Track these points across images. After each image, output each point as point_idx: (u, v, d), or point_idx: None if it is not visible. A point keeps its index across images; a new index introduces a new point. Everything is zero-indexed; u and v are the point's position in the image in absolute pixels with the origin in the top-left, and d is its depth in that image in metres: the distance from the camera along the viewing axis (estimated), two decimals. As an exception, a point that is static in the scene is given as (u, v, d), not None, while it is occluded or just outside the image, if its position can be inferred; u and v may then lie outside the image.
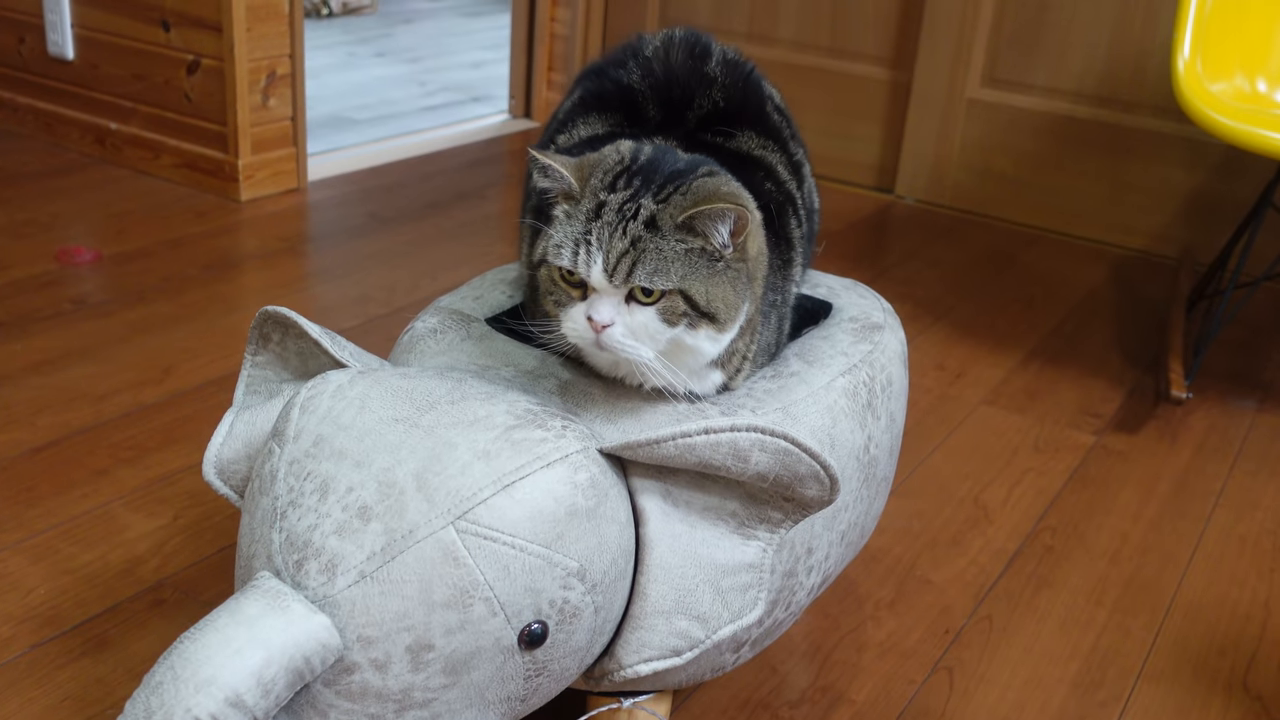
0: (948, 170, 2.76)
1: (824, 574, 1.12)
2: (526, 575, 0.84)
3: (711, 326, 0.93)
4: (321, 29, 4.21)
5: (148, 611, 1.25)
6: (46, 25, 2.60)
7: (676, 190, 0.92)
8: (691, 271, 0.90)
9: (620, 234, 0.90)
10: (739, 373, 1.04)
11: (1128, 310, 2.26)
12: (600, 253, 0.90)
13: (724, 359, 1.00)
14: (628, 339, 0.91)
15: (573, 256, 0.91)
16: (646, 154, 0.96)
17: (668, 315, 0.91)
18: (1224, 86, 1.89)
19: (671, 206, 0.91)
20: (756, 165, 1.10)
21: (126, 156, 2.58)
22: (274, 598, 0.80)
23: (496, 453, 0.85)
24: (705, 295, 0.91)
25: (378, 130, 3.04)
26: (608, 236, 0.90)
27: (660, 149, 0.98)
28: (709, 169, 0.96)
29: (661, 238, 0.90)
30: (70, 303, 1.94)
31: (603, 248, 0.90)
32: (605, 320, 0.91)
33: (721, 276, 0.92)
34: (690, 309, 0.91)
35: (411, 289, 2.10)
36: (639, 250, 0.89)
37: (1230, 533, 1.55)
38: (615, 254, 0.89)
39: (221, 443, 1.01)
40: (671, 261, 0.90)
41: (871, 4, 2.78)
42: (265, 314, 1.02)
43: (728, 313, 0.93)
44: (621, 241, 0.89)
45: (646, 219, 0.90)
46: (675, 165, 0.95)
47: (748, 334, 1.01)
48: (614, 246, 0.89)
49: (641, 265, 0.89)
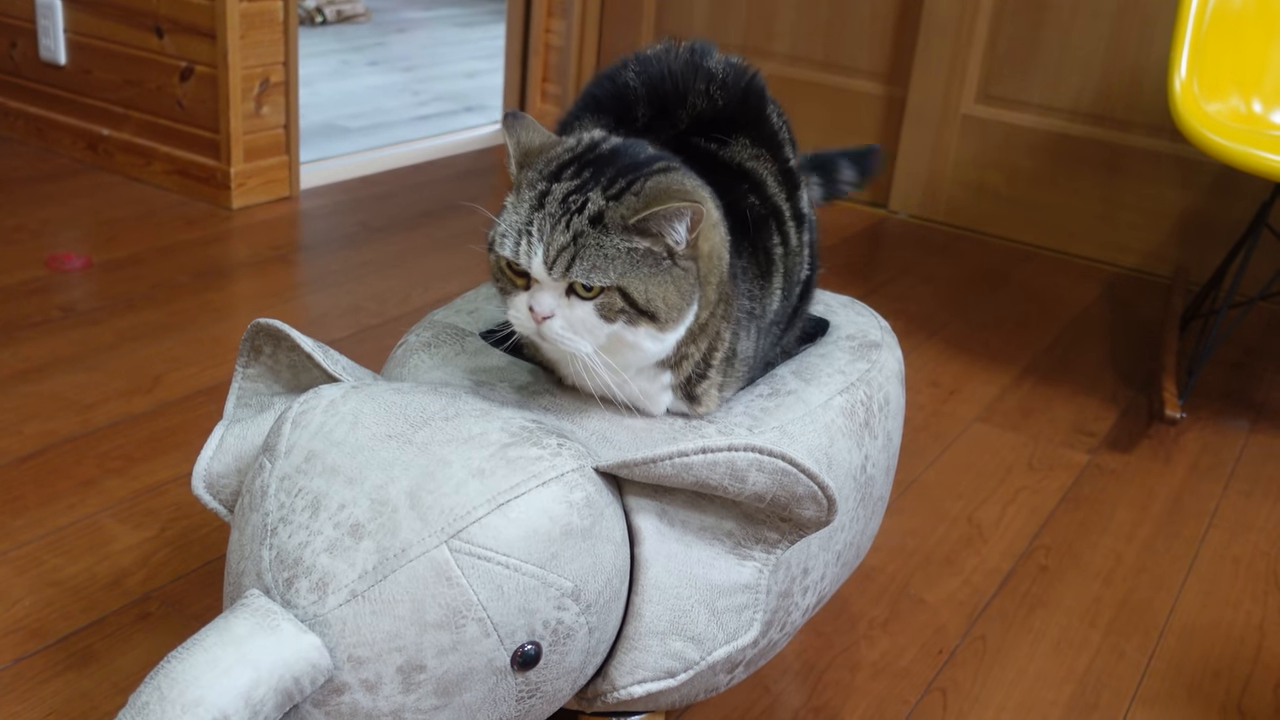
0: (942, 186, 2.76)
1: (819, 594, 1.11)
2: (520, 595, 0.82)
3: (651, 325, 0.91)
4: (315, 37, 4.20)
5: (134, 625, 1.23)
6: (39, 30, 2.59)
7: (629, 187, 0.90)
8: (631, 270, 0.89)
9: (563, 227, 0.89)
10: (703, 380, 1.01)
11: (1121, 329, 2.26)
12: (541, 245, 0.89)
13: (673, 360, 0.98)
14: (566, 331, 0.91)
15: (514, 247, 0.90)
16: (609, 145, 0.95)
17: (605, 311, 0.90)
18: (1220, 107, 1.89)
19: (623, 206, 0.89)
20: (744, 177, 1.08)
21: (118, 163, 2.57)
22: (263, 617, 0.79)
23: (491, 471, 0.84)
24: (644, 294, 0.90)
25: (371, 139, 3.03)
26: (549, 229, 0.89)
27: (629, 142, 0.96)
28: (665, 164, 0.94)
29: (605, 235, 0.89)
30: (59, 310, 1.92)
31: (543, 240, 0.89)
32: (545, 311, 0.90)
33: (665, 276, 0.91)
34: (628, 306, 0.90)
35: (404, 299, 2.09)
36: (579, 246, 0.88)
37: (1224, 554, 1.55)
38: (555, 247, 0.88)
39: (211, 456, 1.00)
40: (612, 259, 0.89)
41: (867, 19, 2.78)
42: (257, 326, 1.01)
43: (669, 312, 0.91)
44: (563, 235, 0.89)
45: (593, 214, 0.89)
46: (634, 158, 0.93)
47: (703, 339, 0.98)
48: (555, 240, 0.89)
49: (580, 261, 0.88)
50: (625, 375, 0.95)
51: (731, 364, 1.03)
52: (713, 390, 1.02)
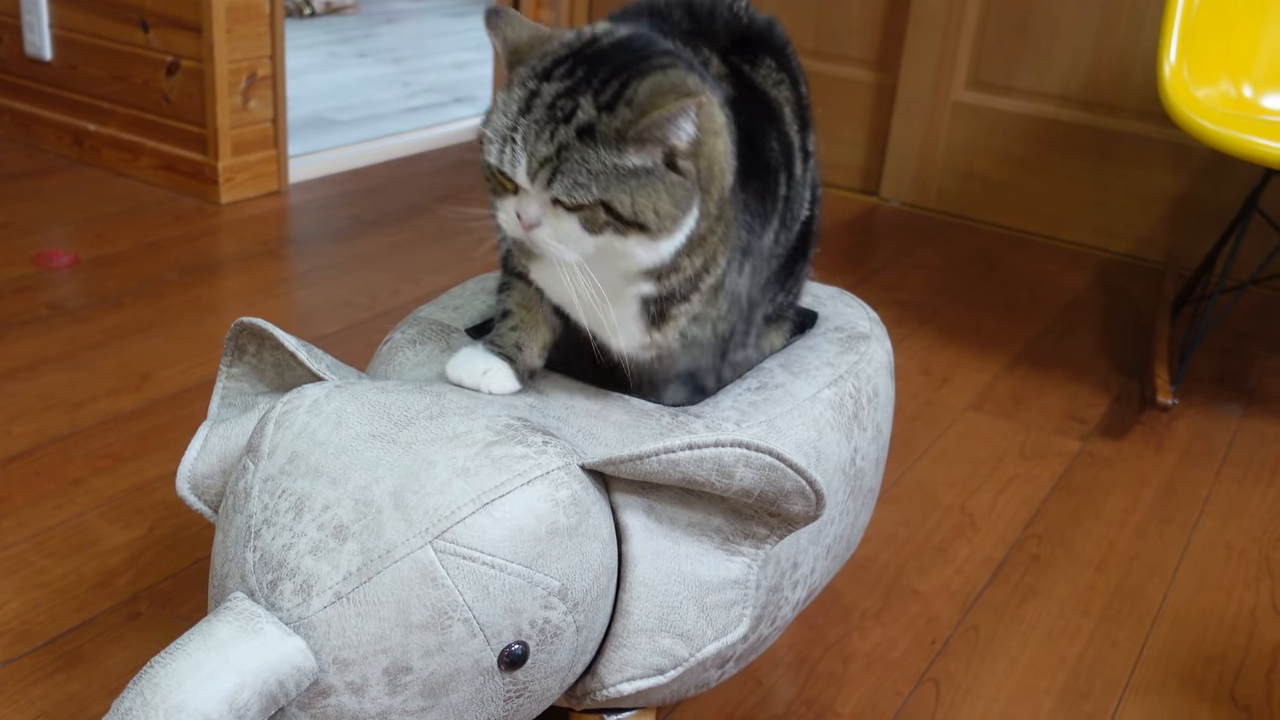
0: (932, 173, 2.75)
1: (809, 588, 1.11)
2: (506, 595, 0.82)
3: (642, 235, 0.87)
4: (304, 29, 4.18)
5: (123, 625, 1.23)
6: (24, 25, 2.57)
7: (622, 92, 0.85)
8: (618, 183, 0.85)
9: (547, 138, 0.84)
10: (684, 302, 0.95)
11: (1113, 314, 2.25)
12: (524, 154, 0.85)
13: (664, 270, 0.92)
14: (553, 240, 0.87)
15: (499, 154, 0.86)
16: (611, 39, 0.89)
17: (589, 224, 0.86)
18: (1210, 91, 1.89)
19: (616, 118, 0.84)
20: (766, 104, 1.03)
21: (105, 158, 2.55)
22: (247, 620, 0.79)
23: (476, 470, 0.83)
24: (630, 206, 0.85)
25: (360, 132, 3.01)
26: (533, 138, 0.84)
27: (633, 35, 0.90)
28: (666, 60, 0.88)
29: (592, 149, 0.84)
30: (46, 307, 1.91)
31: (527, 149, 0.85)
32: (531, 220, 0.87)
33: (657, 184, 0.86)
34: (613, 219, 0.86)
35: (393, 293, 2.08)
36: (562, 160, 0.84)
37: (1216, 540, 1.55)
38: (538, 159, 0.84)
39: (195, 457, 0.99)
40: (596, 175, 0.84)
41: (856, 7, 2.77)
42: (241, 325, 1.00)
43: (660, 222, 0.87)
44: (546, 146, 0.84)
45: (581, 125, 0.84)
46: (634, 53, 0.88)
47: (699, 254, 0.93)
48: (537, 150, 0.84)
49: (560, 178, 0.84)
50: (603, 295, 0.91)
51: (717, 296, 0.98)
52: (683, 319, 0.96)
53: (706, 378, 1.06)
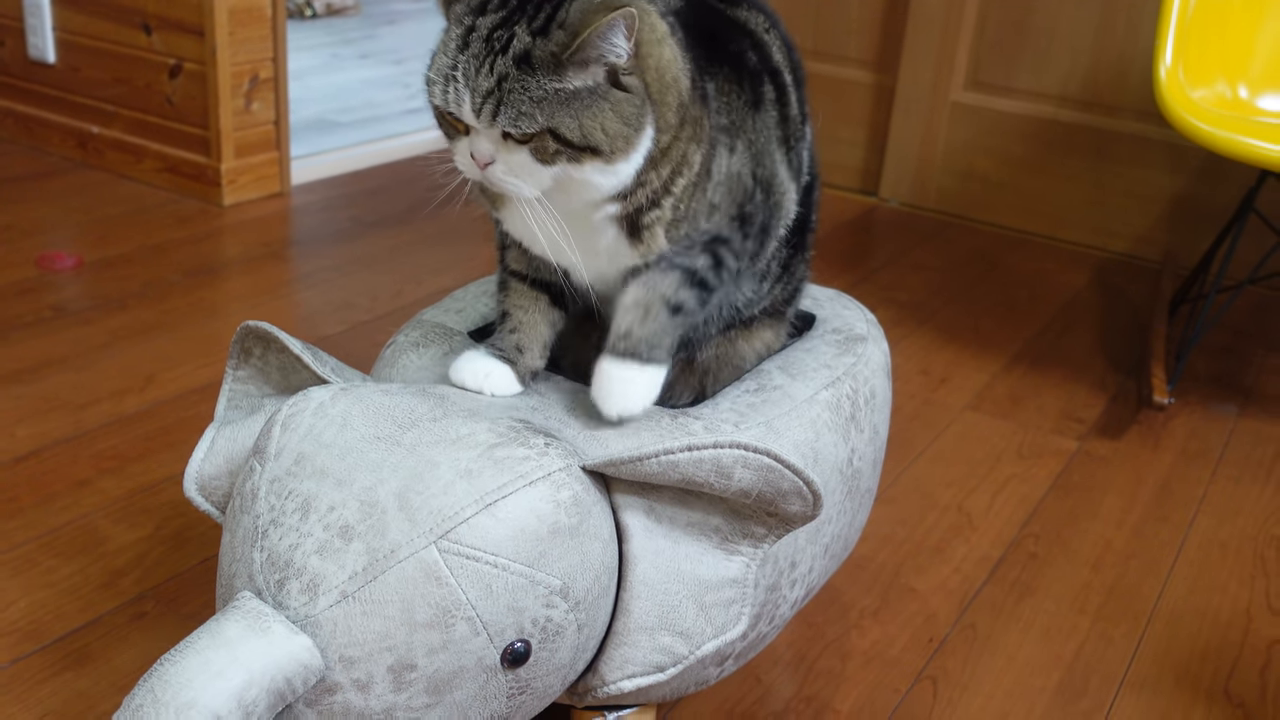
0: (931, 173, 2.76)
1: (807, 586, 1.12)
2: (509, 594, 0.83)
3: (596, 159, 0.86)
4: (305, 30, 4.19)
5: (129, 624, 1.24)
6: (27, 29, 2.59)
7: (554, 16, 0.84)
8: (562, 108, 0.84)
9: (487, 71, 0.84)
10: (654, 208, 0.92)
11: (1111, 314, 2.27)
12: (467, 91, 0.84)
13: (628, 190, 0.91)
14: (509, 176, 0.87)
15: (443, 94, 0.86)
16: None
17: (540, 155, 0.85)
18: (1206, 93, 1.90)
19: (552, 42, 0.83)
20: (749, 35, 1.02)
21: (108, 161, 2.57)
22: (255, 618, 0.80)
23: (479, 471, 0.85)
24: (578, 130, 0.84)
25: (361, 133, 3.03)
26: (474, 73, 0.84)
27: None
28: None
29: (531, 75, 0.83)
30: (51, 309, 1.92)
31: (469, 85, 0.84)
32: (485, 157, 0.87)
33: (603, 104, 0.85)
34: (563, 146, 0.85)
35: (395, 295, 2.09)
36: (504, 91, 0.83)
37: (1212, 539, 1.56)
38: (480, 94, 0.84)
39: (203, 459, 1.01)
40: (539, 102, 0.83)
41: (855, 7, 2.78)
42: (246, 328, 1.02)
43: (611, 142, 0.86)
44: (487, 80, 0.84)
45: (519, 53, 0.83)
46: None
47: (665, 164, 0.91)
48: (479, 85, 0.84)
49: (505, 109, 0.83)
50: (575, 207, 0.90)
51: (694, 193, 0.94)
52: (658, 227, 0.94)
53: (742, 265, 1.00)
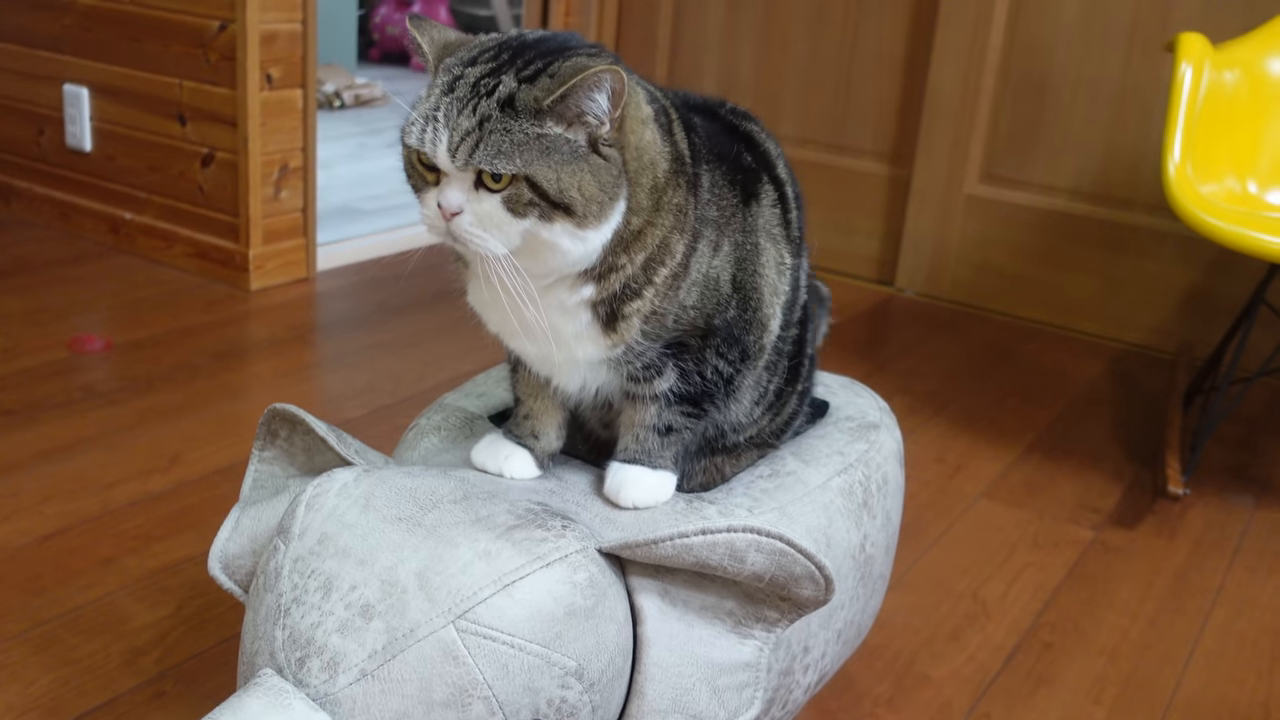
0: (947, 264, 2.80)
1: (820, 672, 1.13)
2: (525, 674, 0.85)
3: (568, 220, 0.84)
4: (333, 120, 4.30)
5: (148, 704, 1.25)
6: (65, 119, 2.67)
7: (545, 69, 0.84)
8: (541, 157, 0.83)
9: (470, 111, 0.83)
10: (636, 298, 0.91)
11: (1125, 404, 2.28)
12: (446, 130, 0.83)
13: (599, 271, 0.89)
14: (475, 228, 0.85)
15: (420, 134, 0.85)
16: (535, 35, 0.89)
17: (512, 204, 0.84)
18: (1215, 188, 1.93)
19: (537, 88, 0.83)
20: (752, 144, 1.04)
21: (139, 246, 2.63)
22: (276, 695, 0.82)
23: (497, 552, 0.87)
24: (556, 183, 0.83)
25: (387, 220, 3.09)
26: (455, 114, 0.83)
27: (559, 32, 0.90)
28: (588, 50, 0.87)
29: (514, 119, 0.83)
30: (80, 390, 1.96)
31: (449, 125, 0.83)
32: (453, 206, 0.85)
33: (581, 164, 0.84)
34: (538, 198, 0.83)
35: (418, 379, 2.13)
36: (484, 131, 0.82)
37: (1229, 631, 1.56)
38: (460, 133, 0.83)
39: (227, 538, 1.03)
40: (520, 145, 0.82)
41: (872, 101, 2.84)
42: (273, 411, 1.05)
43: (586, 205, 0.84)
44: (469, 120, 0.83)
45: (504, 98, 0.83)
46: (561, 44, 0.87)
47: (638, 249, 0.90)
48: (459, 125, 0.83)
49: (484, 147, 0.82)
50: (543, 283, 0.88)
51: (677, 285, 0.93)
52: (635, 318, 0.92)
53: (717, 389, 1.01)
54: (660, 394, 0.98)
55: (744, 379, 1.03)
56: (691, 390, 0.99)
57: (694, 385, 0.99)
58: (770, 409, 1.10)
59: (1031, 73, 2.62)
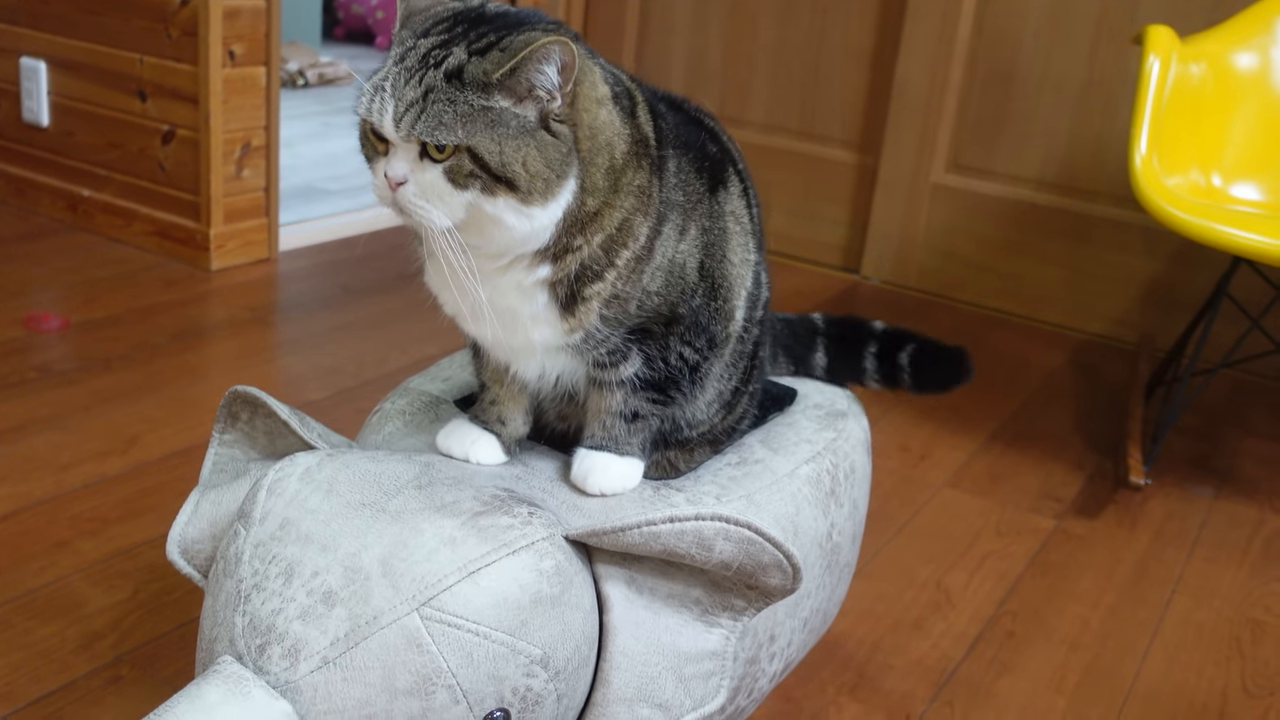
0: (912, 253, 2.81)
1: (786, 660, 1.13)
2: (490, 663, 0.84)
3: (511, 195, 0.84)
4: (297, 99, 4.25)
5: (105, 689, 1.23)
6: (22, 93, 2.62)
7: (498, 43, 0.84)
8: (486, 130, 0.83)
9: (416, 82, 0.83)
10: (597, 280, 0.90)
11: (1088, 394, 2.30)
12: (392, 100, 0.84)
13: (554, 251, 0.89)
14: (419, 199, 0.85)
15: (369, 104, 0.85)
16: (495, 8, 0.89)
17: (453, 175, 0.84)
18: (1180, 181, 1.94)
19: (487, 61, 0.83)
20: (716, 137, 1.04)
21: (98, 223, 2.59)
22: (235, 683, 0.80)
23: (462, 539, 0.86)
24: (498, 156, 0.83)
25: (350, 201, 3.06)
26: (403, 84, 0.84)
27: (519, 8, 0.90)
28: (546, 25, 0.87)
29: (459, 90, 0.83)
30: (35, 370, 1.93)
31: (395, 95, 0.84)
32: (397, 176, 0.85)
33: (528, 139, 0.84)
34: (479, 169, 0.83)
35: (381, 362, 2.10)
36: (429, 101, 0.83)
37: (1188, 620, 1.57)
38: (405, 103, 0.83)
39: (186, 521, 1.01)
40: (463, 117, 0.82)
41: (840, 90, 2.84)
42: (235, 393, 1.03)
43: (531, 181, 0.84)
44: (414, 90, 0.83)
45: (452, 70, 0.83)
46: (518, 18, 0.87)
47: (596, 230, 0.89)
48: (405, 95, 0.83)
49: (425, 117, 0.82)
50: (498, 263, 0.88)
51: (640, 269, 0.93)
52: (595, 301, 0.91)
53: (683, 376, 1.00)
54: (626, 379, 0.98)
55: (710, 366, 1.04)
56: (657, 376, 0.99)
57: (659, 372, 0.98)
58: (725, 406, 1.10)
59: (999, 64, 2.62)
